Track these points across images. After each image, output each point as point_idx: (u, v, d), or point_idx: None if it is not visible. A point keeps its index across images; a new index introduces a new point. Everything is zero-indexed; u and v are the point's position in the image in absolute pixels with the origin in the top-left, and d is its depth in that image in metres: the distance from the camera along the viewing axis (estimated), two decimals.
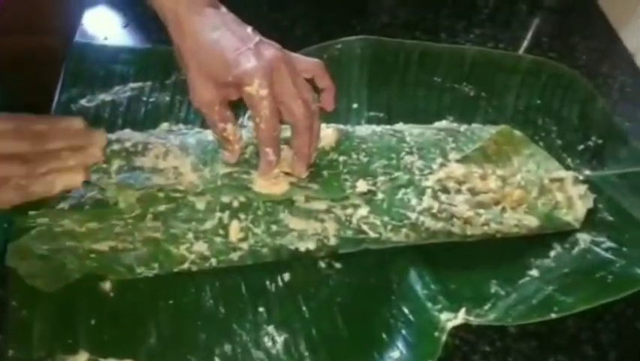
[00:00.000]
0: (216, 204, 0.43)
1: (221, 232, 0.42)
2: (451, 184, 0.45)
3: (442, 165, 0.46)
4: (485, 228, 0.44)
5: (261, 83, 0.38)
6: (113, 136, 0.48)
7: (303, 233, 0.43)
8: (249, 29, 0.41)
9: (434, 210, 0.44)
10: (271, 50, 0.40)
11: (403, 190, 0.45)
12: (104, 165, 0.43)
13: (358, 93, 0.54)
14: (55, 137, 0.39)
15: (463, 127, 0.51)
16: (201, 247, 0.42)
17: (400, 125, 0.51)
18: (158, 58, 0.54)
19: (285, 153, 0.43)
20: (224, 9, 0.43)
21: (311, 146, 0.42)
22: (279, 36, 0.60)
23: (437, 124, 0.52)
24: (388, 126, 0.50)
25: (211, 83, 0.41)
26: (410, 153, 0.47)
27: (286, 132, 0.43)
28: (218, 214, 0.43)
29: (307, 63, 0.44)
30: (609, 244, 0.45)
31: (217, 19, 0.41)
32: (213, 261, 0.42)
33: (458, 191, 0.45)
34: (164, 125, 0.50)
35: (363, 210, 0.43)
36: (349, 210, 0.44)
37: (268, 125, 0.40)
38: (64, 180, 0.39)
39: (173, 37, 0.42)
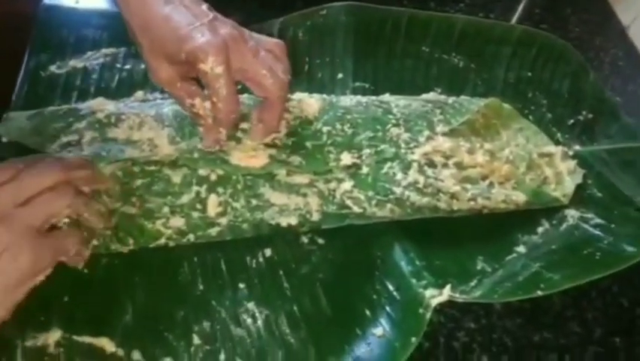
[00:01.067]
0: (193, 177, 0.41)
1: (198, 206, 0.41)
2: (437, 158, 0.44)
3: (428, 138, 0.45)
4: (472, 203, 0.43)
5: (215, 60, 0.36)
6: (84, 106, 0.46)
7: (285, 208, 0.41)
8: (204, 6, 0.39)
9: (420, 185, 0.43)
10: (227, 26, 0.38)
11: (388, 164, 0.43)
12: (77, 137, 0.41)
13: (343, 62, 0.52)
14: None
15: (451, 99, 0.50)
16: (178, 222, 0.40)
17: (386, 96, 0.49)
18: None
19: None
20: None
21: (280, 118, 0.40)
22: (262, 2, 0.57)
23: (425, 96, 0.51)
24: (374, 97, 0.49)
25: (166, 62, 0.38)
26: (396, 125, 0.45)
27: None
28: (195, 188, 0.41)
29: (267, 43, 0.41)
30: (597, 220, 0.45)
31: None
32: (191, 237, 0.41)
33: (445, 165, 0.44)
34: (139, 94, 0.48)
35: (347, 185, 0.42)
36: (333, 185, 0.42)
37: (226, 105, 0.38)
38: None
39: (123, 13, 0.39)
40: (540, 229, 0.45)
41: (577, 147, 0.50)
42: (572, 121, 0.52)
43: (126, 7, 0.39)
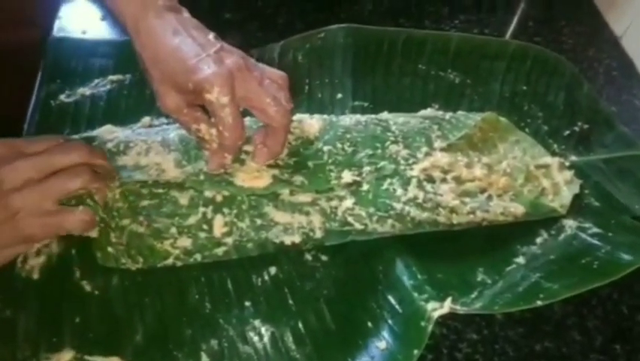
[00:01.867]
0: (199, 198, 0.42)
1: (205, 226, 0.42)
2: (436, 173, 0.45)
3: (427, 155, 0.46)
4: (471, 216, 0.44)
5: (221, 91, 0.38)
6: (94, 133, 0.48)
7: (289, 226, 0.42)
8: (211, 35, 0.41)
9: (420, 200, 0.44)
10: (232, 56, 0.39)
11: (388, 180, 0.44)
12: None
13: (342, 83, 0.53)
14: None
15: (449, 115, 0.51)
16: (185, 242, 0.42)
17: (384, 115, 0.51)
18: None
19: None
20: (186, 13, 0.42)
21: (284, 144, 0.42)
22: (261, 25, 0.59)
23: (422, 112, 0.52)
24: (373, 115, 0.50)
25: (175, 91, 0.40)
26: (395, 142, 0.47)
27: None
28: (201, 209, 0.42)
29: (271, 73, 0.42)
30: (595, 229, 0.45)
31: (178, 25, 0.40)
32: (198, 256, 0.42)
33: (443, 180, 0.45)
34: (146, 120, 0.49)
35: (349, 202, 0.43)
36: (334, 202, 0.43)
37: (232, 134, 0.39)
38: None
39: (134, 45, 0.41)
40: (539, 240, 0.45)
41: (573, 158, 0.51)
42: (567, 132, 0.53)
43: (137, 39, 0.41)
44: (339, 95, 0.53)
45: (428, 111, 0.52)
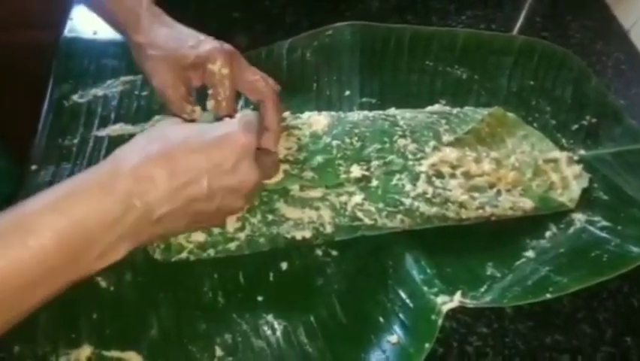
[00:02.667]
0: None
1: None
2: (445, 168, 0.45)
3: (435, 148, 0.46)
4: (480, 211, 0.45)
5: (223, 62, 0.42)
6: (104, 132, 0.48)
7: (299, 222, 0.43)
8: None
9: (429, 195, 0.44)
10: (228, 44, 0.44)
11: (397, 176, 0.45)
12: None
13: (350, 80, 0.54)
14: None
15: (456, 110, 0.51)
16: (199, 237, 0.42)
17: (392, 110, 0.51)
18: None
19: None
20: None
21: (279, 122, 0.44)
22: (269, 24, 0.60)
23: (430, 108, 0.52)
24: (381, 111, 0.50)
25: (173, 68, 0.43)
26: (403, 136, 0.47)
27: None
28: None
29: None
30: (604, 223, 0.46)
31: (175, 23, 0.45)
32: (211, 251, 0.42)
33: (452, 175, 0.45)
34: (157, 119, 0.50)
35: (358, 198, 0.44)
36: (344, 198, 0.44)
37: (228, 103, 0.43)
38: None
39: (132, 36, 0.45)
40: (548, 234, 0.46)
41: (582, 152, 0.51)
42: (576, 126, 0.53)
43: (139, 28, 0.44)
44: (347, 92, 0.54)
45: (436, 107, 0.53)
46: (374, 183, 0.44)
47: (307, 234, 0.43)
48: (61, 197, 0.32)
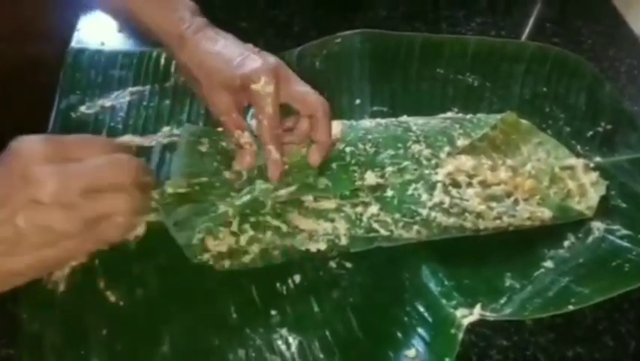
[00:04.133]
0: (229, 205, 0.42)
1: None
2: (461, 177, 0.45)
3: (449, 154, 0.46)
4: (498, 221, 0.44)
5: (267, 81, 0.41)
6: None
7: (314, 233, 0.42)
8: (249, 44, 0.44)
9: (445, 205, 0.43)
10: (272, 56, 0.43)
11: (413, 186, 0.44)
12: None
13: (361, 88, 0.53)
14: None
15: (469, 116, 0.51)
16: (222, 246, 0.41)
17: (404, 118, 0.50)
18: (156, 61, 0.53)
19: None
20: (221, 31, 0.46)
21: (330, 135, 0.43)
22: (277, 33, 0.59)
23: (442, 116, 0.52)
24: (393, 118, 0.50)
25: (223, 91, 0.43)
26: (417, 141, 0.46)
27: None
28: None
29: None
30: (624, 231, 0.45)
31: (217, 35, 0.45)
32: (226, 262, 0.42)
33: (469, 184, 0.45)
34: (166, 130, 0.49)
35: (374, 208, 0.43)
36: (359, 209, 0.43)
37: (270, 122, 0.41)
38: None
39: (180, 59, 0.45)
40: (566, 243, 0.45)
41: (598, 159, 0.51)
42: (590, 133, 0.52)
43: (185, 51, 0.44)
44: (358, 101, 0.53)
45: (448, 115, 0.52)
46: (389, 193, 0.44)
47: (322, 246, 0.42)
48: None
